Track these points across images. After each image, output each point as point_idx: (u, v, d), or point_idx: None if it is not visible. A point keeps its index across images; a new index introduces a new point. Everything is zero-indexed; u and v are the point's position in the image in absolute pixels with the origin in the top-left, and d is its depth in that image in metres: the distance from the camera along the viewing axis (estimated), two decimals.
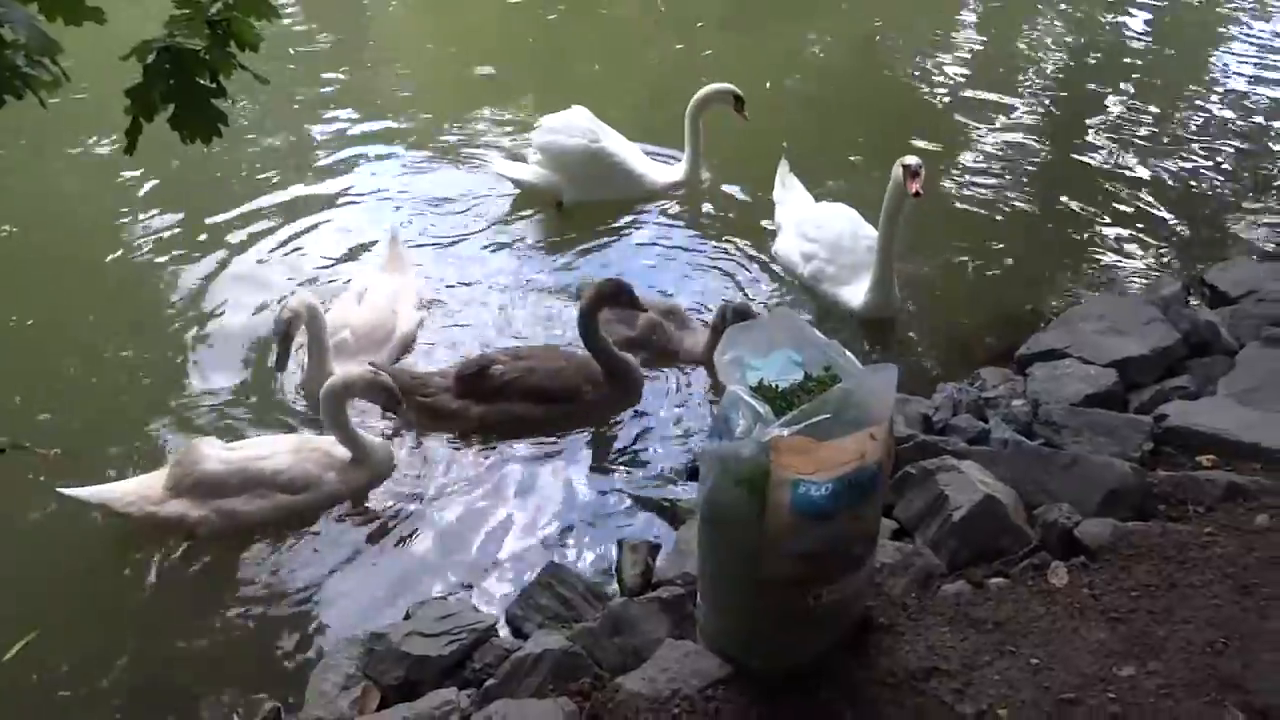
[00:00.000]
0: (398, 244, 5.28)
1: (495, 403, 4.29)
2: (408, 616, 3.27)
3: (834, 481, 2.40)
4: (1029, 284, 5.36)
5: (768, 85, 7.53)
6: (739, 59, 8.27)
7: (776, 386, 2.65)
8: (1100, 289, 5.21)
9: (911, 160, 4.58)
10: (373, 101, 7.62)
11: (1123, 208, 6.06)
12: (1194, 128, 7.14)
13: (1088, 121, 7.26)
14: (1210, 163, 6.62)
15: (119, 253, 5.62)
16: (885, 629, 2.93)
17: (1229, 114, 7.36)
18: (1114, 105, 7.53)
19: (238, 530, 3.80)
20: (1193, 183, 6.39)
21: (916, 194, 4.54)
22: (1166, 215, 5.97)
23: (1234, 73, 8.17)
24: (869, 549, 2.68)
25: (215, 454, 3.83)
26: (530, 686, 2.86)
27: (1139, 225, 5.88)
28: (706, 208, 6.10)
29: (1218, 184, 6.38)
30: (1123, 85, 7.90)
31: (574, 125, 5.96)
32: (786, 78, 7.88)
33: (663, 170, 6.21)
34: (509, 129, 7.08)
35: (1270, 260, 5.08)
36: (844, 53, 8.71)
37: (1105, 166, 6.60)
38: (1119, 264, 5.54)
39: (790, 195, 5.66)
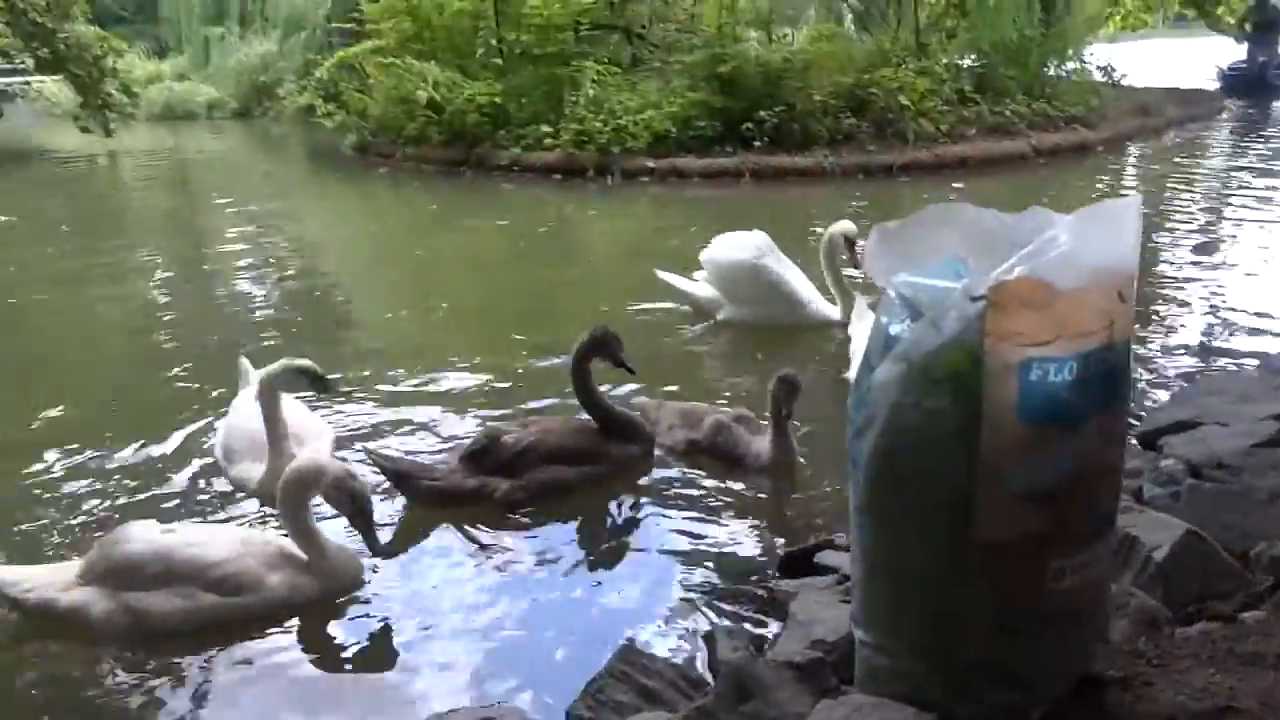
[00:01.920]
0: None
1: (519, 475, 3.59)
2: None
3: (1078, 359, 1.65)
4: None
5: None
6: None
7: None
8: None
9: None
10: None
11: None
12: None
13: None
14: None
15: None
16: (1121, 682, 2.03)
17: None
18: None
19: (146, 636, 2.81)
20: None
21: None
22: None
23: None
24: (1116, 501, 1.85)
25: (143, 535, 2.91)
26: None
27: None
28: None
29: None
30: None
31: (746, 242, 5.69)
32: None
33: (828, 305, 5.71)
34: None
35: None
36: None
37: None
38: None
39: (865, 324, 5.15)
